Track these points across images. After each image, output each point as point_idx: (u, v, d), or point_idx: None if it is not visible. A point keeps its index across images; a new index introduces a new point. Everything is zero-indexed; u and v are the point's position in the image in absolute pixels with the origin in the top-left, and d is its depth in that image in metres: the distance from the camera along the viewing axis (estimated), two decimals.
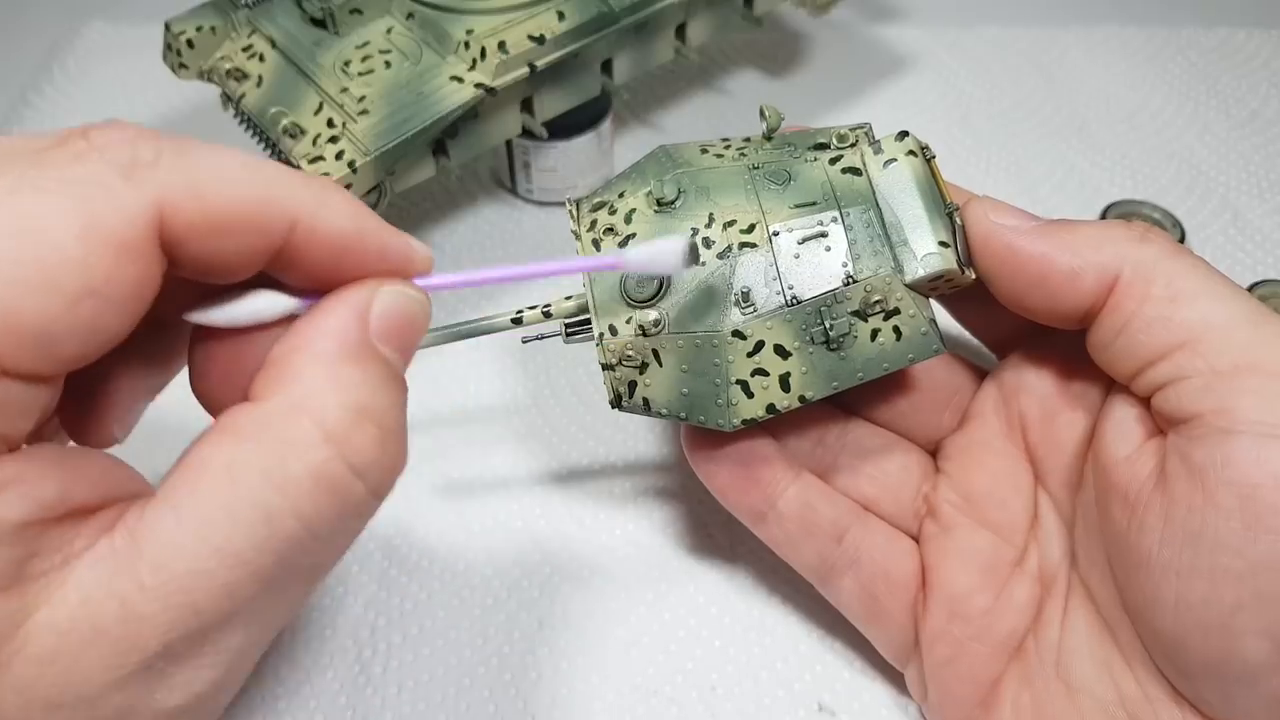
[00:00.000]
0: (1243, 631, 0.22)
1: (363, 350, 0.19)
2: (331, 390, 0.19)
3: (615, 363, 0.27)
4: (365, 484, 0.19)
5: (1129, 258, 0.25)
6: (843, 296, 0.26)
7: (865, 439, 0.31)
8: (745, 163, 0.28)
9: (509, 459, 0.38)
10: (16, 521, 0.16)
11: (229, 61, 0.39)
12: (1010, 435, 0.29)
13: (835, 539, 0.29)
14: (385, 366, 0.20)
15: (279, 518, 0.17)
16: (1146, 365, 0.24)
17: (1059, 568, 0.28)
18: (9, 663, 0.16)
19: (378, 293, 0.20)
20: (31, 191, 0.17)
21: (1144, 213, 0.44)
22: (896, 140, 0.28)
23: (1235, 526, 0.22)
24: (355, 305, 0.20)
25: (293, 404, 0.18)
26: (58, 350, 0.17)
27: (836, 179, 0.27)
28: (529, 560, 0.35)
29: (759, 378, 0.26)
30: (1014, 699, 0.27)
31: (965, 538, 0.29)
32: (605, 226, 0.28)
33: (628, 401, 0.27)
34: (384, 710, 0.31)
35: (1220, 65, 0.53)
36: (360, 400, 0.19)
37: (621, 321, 0.27)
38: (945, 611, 0.28)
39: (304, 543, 0.18)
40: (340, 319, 0.20)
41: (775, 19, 0.55)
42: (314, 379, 0.19)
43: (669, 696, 0.32)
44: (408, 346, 0.21)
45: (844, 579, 0.29)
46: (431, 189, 0.47)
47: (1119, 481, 0.25)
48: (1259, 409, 0.22)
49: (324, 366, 0.19)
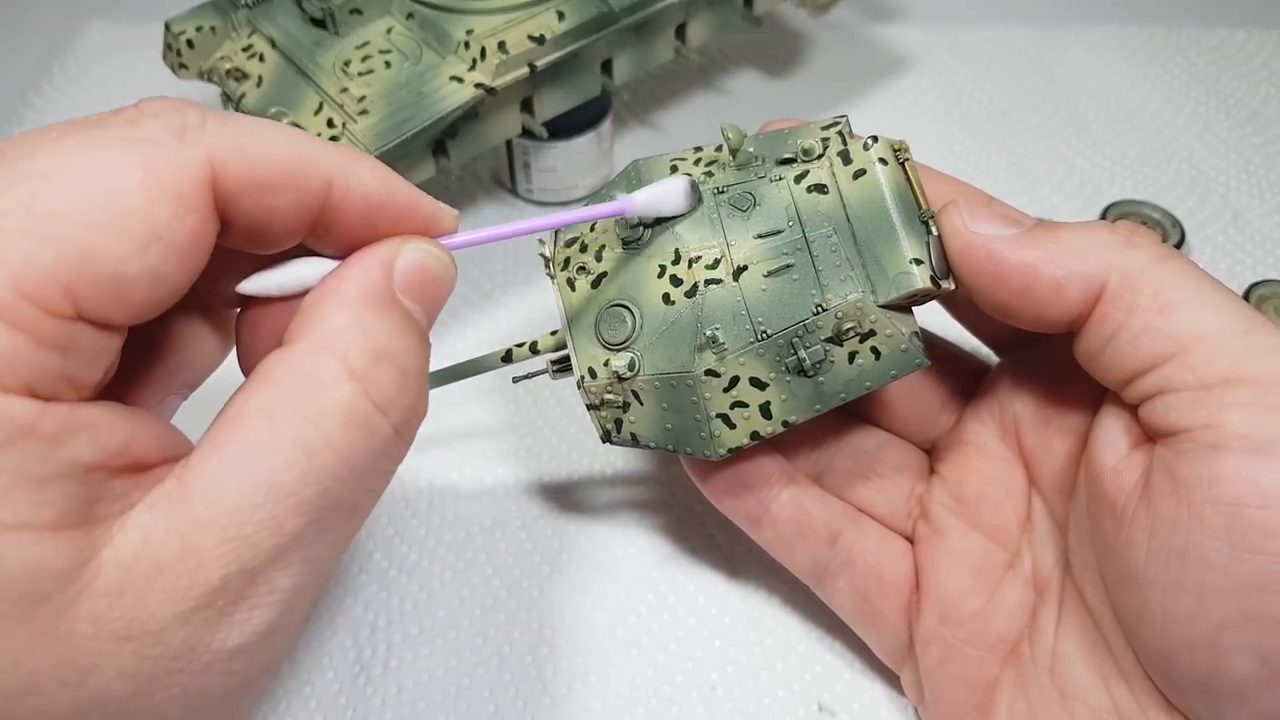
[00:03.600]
0: (1230, 649, 0.22)
1: (385, 298, 0.20)
2: (354, 331, 0.20)
3: (599, 404, 0.27)
4: (389, 422, 0.20)
5: (1115, 265, 0.24)
6: (814, 326, 0.25)
7: (862, 439, 0.31)
8: (710, 185, 0.27)
9: (509, 460, 0.38)
10: (86, 463, 0.17)
11: (229, 61, 0.39)
12: (1004, 438, 0.29)
13: (829, 541, 0.29)
14: (407, 316, 0.21)
15: (316, 450, 0.18)
16: (1135, 375, 0.24)
17: (1053, 572, 0.28)
18: (81, 594, 0.17)
19: (403, 248, 0.21)
20: (97, 148, 0.18)
21: (1144, 213, 0.44)
22: (865, 150, 0.26)
23: (1221, 545, 0.21)
24: (380, 257, 0.21)
25: (318, 345, 0.19)
26: (128, 294, 0.18)
27: (802, 200, 0.26)
28: (529, 560, 0.35)
29: (739, 409, 0.26)
30: (1009, 705, 0.27)
31: (957, 540, 0.29)
32: (578, 265, 0.28)
33: (616, 437, 0.28)
34: (384, 710, 0.31)
35: (1220, 65, 0.53)
36: (380, 343, 0.20)
37: (600, 364, 0.27)
38: (937, 614, 0.28)
39: (341, 476, 0.19)
40: (365, 269, 0.21)
41: (775, 19, 0.55)
42: (338, 321, 0.20)
43: (669, 696, 0.32)
44: (431, 302, 0.22)
45: (838, 581, 0.30)
46: (431, 189, 0.46)
47: (1108, 492, 0.24)
48: (1247, 422, 0.22)
49: (348, 310, 0.20)
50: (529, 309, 0.42)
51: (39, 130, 0.18)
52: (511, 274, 0.44)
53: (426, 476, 0.37)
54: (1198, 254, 0.44)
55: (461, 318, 0.42)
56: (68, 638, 0.17)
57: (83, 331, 0.18)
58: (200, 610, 0.18)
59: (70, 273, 0.17)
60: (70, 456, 0.17)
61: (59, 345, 0.17)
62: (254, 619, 0.19)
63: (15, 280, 0.17)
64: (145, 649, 0.17)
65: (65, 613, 0.17)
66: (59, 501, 0.17)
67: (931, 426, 0.31)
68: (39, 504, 0.17)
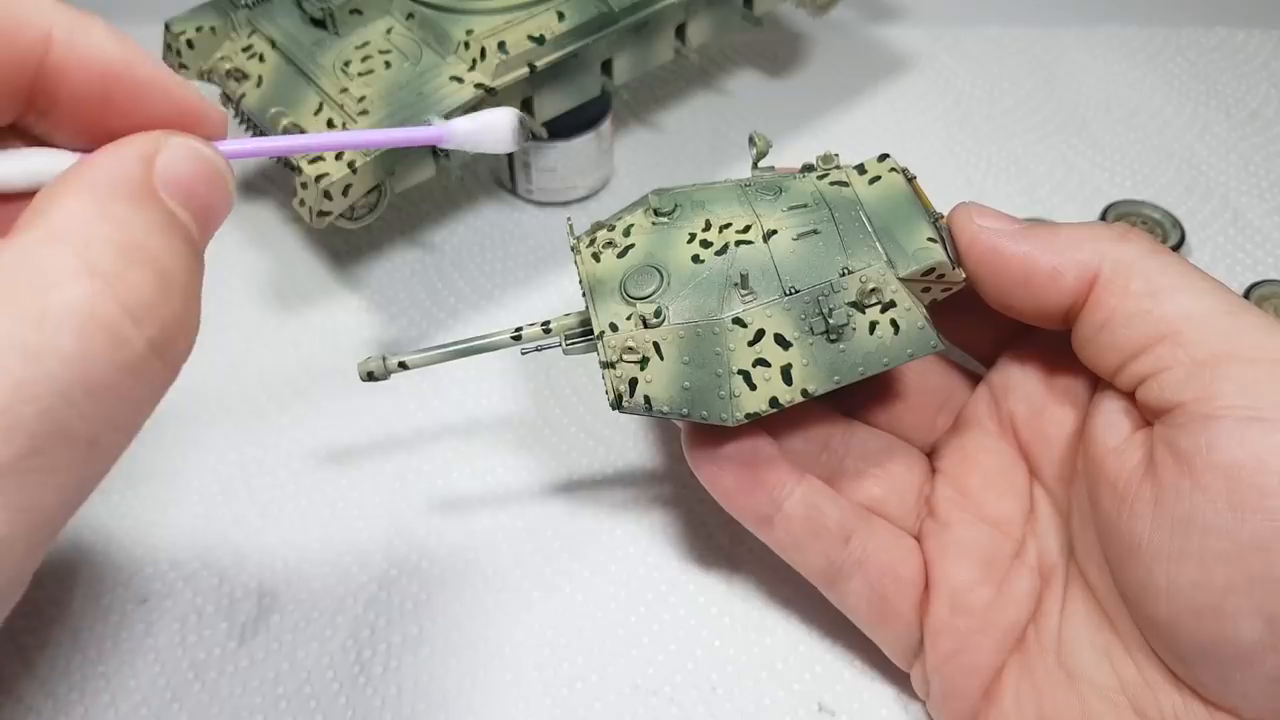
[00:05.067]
0: (1235, 613, 0.22)
1: (143, 191, 0.17)
2: (99, 222, 0.16)
3: (616, 359, 0.27)
4: (143, 333, 0.16)
5: (1108, 255, 0.25)
6: (839, 286, 0.26)
7: (868, 441, 0.31)
8: (736, 183, 0.29)
9: (509, 460, 0.38)
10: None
11: (229, 61, 0.39)
12: (1003, 434, 0.30)
13: (842, 540, 0.29)
14: (170, 215, 0.17)
15: (38, 357, 0.15)
16: (1129, 359, 0.25)
17: (1057, 559, 0.28)
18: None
19: (166, 141, 0.18)
20: None
21: (1144, 213, 0.44)
22: (878, 161, 0.29)
23: (1222, 508, 0.22)
24: (138, 148, 0.18)
25: (49, 234, 0.16)
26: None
27: (826, 189, 0.28)
28: (529, 560, 0.35)
29: (761, 368, 0.26)
30: (1016, 689, 0.27)
31: (963, 532, 0.29)
32: (605, 241, 0.29)
33: (629, 401, 0.27)
34: (384, 710, 0.31)
35: (1220, 65, 0.53)
36: (133, 238, 0.16)
37: (622, 318, 0.27)
38: (948, 605, 0.28)
39: (71, 396, 0.15)
40: (118, 158, 0.17)
41: (775, 19, 0.55)
42: (78, 209, 0.16)
43: (669, 696, 0.32)
44: (204, 211, 0.18)
45: (852, 581, 0.29)
46: (431, 189, 0.47)
47: (1108, 472, 0.25)
48: (1239, 394, 0.23)
49: (92, 198, 0.16)
50: (530, 309, 0.42)
51: None
52: (512, 274, 0.44)
53: (426, 476, 0.37)
54: (1198, 254, 0.44)
55: (462, 318, 0.42)
56: None
57: None
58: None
59: None
60: None
61: None
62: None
63: None
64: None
65: None
66: None
67: (931, 429, 0.32)
68: None
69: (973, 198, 0.29)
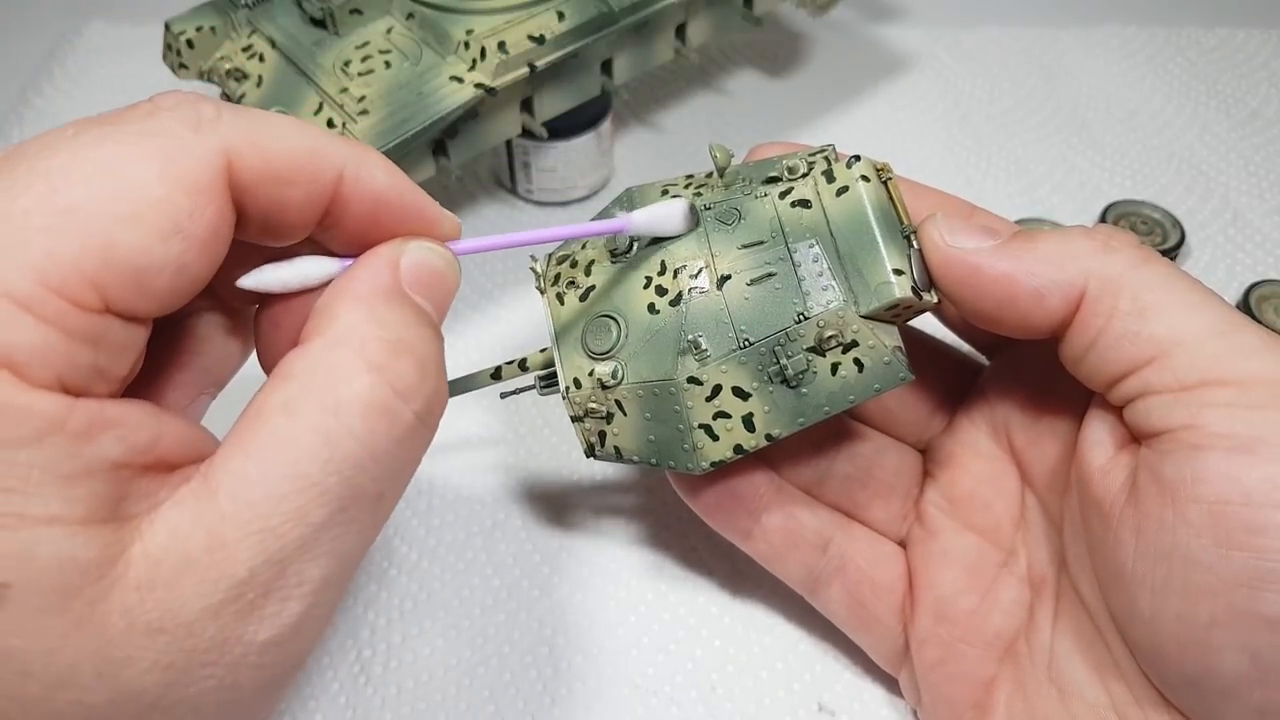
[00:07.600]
0: (1220, 647, 0.22)
1: (395, 292, 0.21)
2: (369, 324, 0.20)
3: (583, 415, 0.27)
4: (410, 408, 0.20)
5: (1093, 271, 0.24)
6: (795, 334, 0.25)
7: (860, 443, 0.31)
8: (699, 203, 0.27)
9: (509, 459, 0.38)
10: (114, 460, 0.18)
11: (229, 61, 0.39)
12: (996, 438, 0.29)
13: (820, 548, 0.29)
14: (418, 309, 0.21)
15: (337, 439, 0.19)
16: (1117, 380, 0.24)
17: (1048, 570, 0.28)
18: (112, 588, 0.17)
19: (406, 246, 0.22)
20: (114, 143, 0.18)
21: (1144, 213, 0.44)
22: (848, 167, 0.26)
23: (1207, 544, 0.21)
24: (386, 256, 0.22)
25: (335, 340, 0.20)
26: (152, 285, 0.18)
27: (786, 214, 0.27)
28: (529, 560, 0.35)
29: (721, 420, 0.26)
30: (1007, 702, 0.27)
31: (950, 540, 0.29)
32: (568, 280, 0.28)
33: (600, 451, 0.28)
34: (384, 710, 0.31)
35: (1220, 65, 0.53)
36: (396, 334, 0.20)
37: (585, 375, 0.27)
38: (932, 613, 0.28)
39: (364, 464, 0.19)
40: (372, 268, 0.21)
41: (775, 19, 0.55)
42: (352, 317, 0.20)
43: (669, 696, 0.32)
44: (439, 298, 0.22)
45: (830, 587, 0.30)
46: (431, 189, 0.46)
47: (1095, 490, 0.24)
48: (1228, 422, 0.22)
49: (361, 305, 0.20)
50: (529, 310, 0.42)
51: (55, 129, 0.19)
52: (512, 274, 0.44)
53: (427, 477, 0.37)
54: (1198, 254, 0.44)
55: (462, 318, 0.42)
56: (101, 630, 0.17)
57: (110, 324, 0.18)
58: (230, 603, 0.18)
59: (95, 265, 0.17)
60: (99, 453, 0.17)
61: (88, 338, 0.17)
62: (284, 611, 0.19)
63: (41, 275, 0.17)
64: (177, 641, 0.18)
65: (97, 605, 0.17)
66: (87, 498, 0.17)
67: (925, 428, 0.31)
68: (68, 499, 0.17)
69: (972, 198, 0.29)
